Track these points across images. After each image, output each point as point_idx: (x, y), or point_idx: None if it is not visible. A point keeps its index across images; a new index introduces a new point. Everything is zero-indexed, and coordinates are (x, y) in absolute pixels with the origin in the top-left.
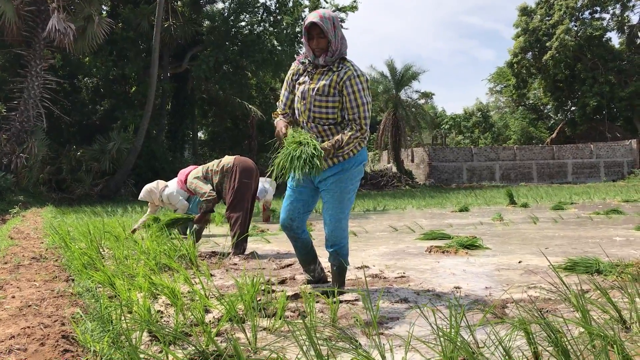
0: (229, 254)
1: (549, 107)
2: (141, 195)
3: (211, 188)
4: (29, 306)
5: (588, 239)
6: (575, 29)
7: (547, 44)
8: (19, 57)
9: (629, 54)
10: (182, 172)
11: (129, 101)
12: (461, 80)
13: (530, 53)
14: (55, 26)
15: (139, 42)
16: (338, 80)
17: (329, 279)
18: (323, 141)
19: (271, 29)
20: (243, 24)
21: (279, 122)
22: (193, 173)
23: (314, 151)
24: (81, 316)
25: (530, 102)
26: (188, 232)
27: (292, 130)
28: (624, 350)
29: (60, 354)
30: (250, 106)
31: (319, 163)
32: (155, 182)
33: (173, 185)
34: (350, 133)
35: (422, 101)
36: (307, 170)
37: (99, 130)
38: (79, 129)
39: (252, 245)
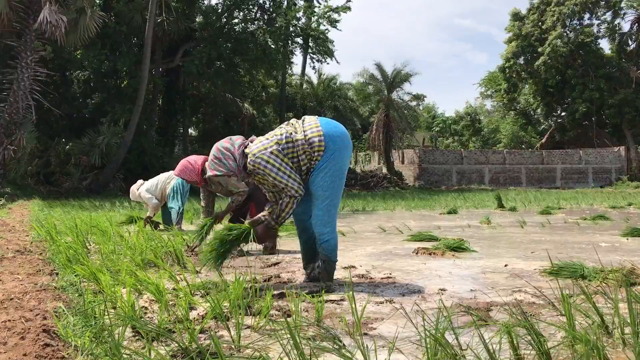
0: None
1: (538, 111)
2: (131, 197)
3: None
4: (11, 299)
5: (574, 244)
6: (567, 35)
7: (539, 50)
8: (9, 48)
9: (619, 61)
10: (196, 162)
11: (120, 95)
12: (454, 83)
13: (522, 58)
14: (47, 18)
15: (131, 37)
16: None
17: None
18: None
19: (265, 27)
20: (237, 21)
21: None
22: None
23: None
24: (63, 310)
25: (521, 106)
26: (174, 224)
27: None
28: (606, 355)
29: (41, 348)
30: (242, 103)
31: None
32: (137, 182)
33: (146, 184)
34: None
35: (413, 103)
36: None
37: (89, 124)
38: (69, 122)
39: None
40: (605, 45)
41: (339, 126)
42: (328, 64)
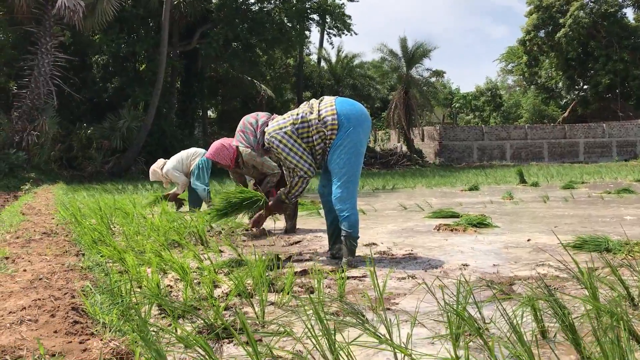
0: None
1: (560, 85)
2: (150, 177)
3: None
4: (40, 279)
5: (598, 218)
6: (591, 5)
7: (561, 21)
8: (29, 35)
9: None
10: (231, 145)
11: (139, 79)
12: (473, 58)
13: (543, 30)
14: (65, 3)
15: (148, 20)
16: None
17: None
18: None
19: (281, 5)
20: (253, 1)
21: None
22: None
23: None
24: (91, 289)
25: (542, 80)
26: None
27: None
28: (631, 327)
29: (70, 325)
30: (260, 84)
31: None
32: (158, 161)
33: (170, 162)
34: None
35: (433, 79)
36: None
37: (110, 108)
38: (90, 106)
39: None
40: (630, 14)
41: (355, 104)
42: (344, 35)
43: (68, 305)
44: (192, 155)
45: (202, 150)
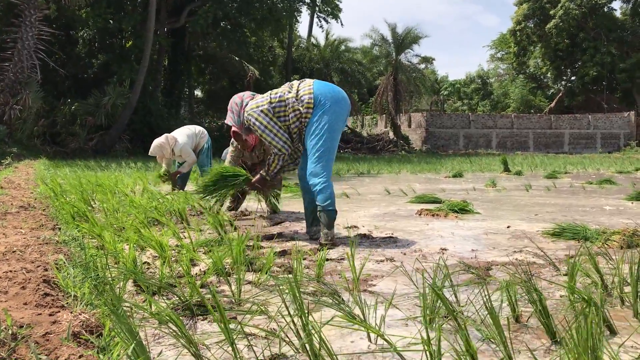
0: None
1: (548, 75)
2: (151, 151)
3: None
4: (13, 252)
5: (579, 207)
6: None
7: (551, 12)
8: (13, 6)
9: (633, 24)
10: None
11: (125, 56)
12: (464, 46)
13: (533, 21)
14: None
15: None
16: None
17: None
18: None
19: None
20: None
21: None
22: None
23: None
24: (64, 263)
25: (531, 70)
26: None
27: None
28: (603, 312)
29: (41, 298)
30: (247, 65)
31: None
32: (164, 136)
33: (182, 138)
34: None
35: (422, 66)
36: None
37: (95, 84)
38: (74, 82)
39: (243, 203)
40: (619, 7)
41: (332, 86)
42: (329, 22)
43: (40, 277)
44: (200, 133)
45: (206, 131)
